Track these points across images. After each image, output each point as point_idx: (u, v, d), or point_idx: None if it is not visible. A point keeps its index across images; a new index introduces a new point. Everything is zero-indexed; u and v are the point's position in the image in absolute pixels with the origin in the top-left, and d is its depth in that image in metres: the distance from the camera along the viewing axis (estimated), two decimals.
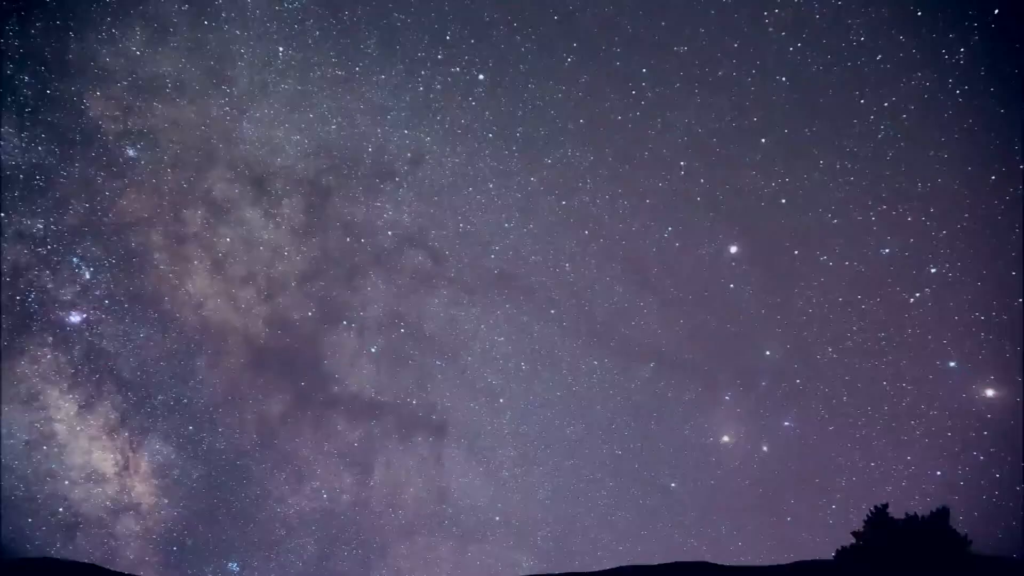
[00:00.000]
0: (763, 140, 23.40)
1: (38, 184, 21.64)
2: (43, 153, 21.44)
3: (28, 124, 21.13)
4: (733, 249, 24.03)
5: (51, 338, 22.12)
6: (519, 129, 24.01)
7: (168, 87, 22.25)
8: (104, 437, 22.85)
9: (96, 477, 22.67)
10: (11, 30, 20.80)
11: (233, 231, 23.67)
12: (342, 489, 24.25)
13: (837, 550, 12.23)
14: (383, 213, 24.35)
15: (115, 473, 22.86)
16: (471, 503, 24.91)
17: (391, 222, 24.43)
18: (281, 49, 22.81)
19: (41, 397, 22.21)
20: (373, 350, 24.82)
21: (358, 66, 23.22)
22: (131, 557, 22.92)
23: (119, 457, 22.93)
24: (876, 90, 22.31)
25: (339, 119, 23.59)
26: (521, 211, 24.63)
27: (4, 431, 21.97)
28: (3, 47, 20.78)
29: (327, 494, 24.11)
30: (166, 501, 23.25)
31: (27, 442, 22.04)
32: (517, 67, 23.51)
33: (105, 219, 22.36)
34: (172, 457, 23.38)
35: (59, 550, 22.33)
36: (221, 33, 22.35)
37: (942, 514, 11.41)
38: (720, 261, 24.15)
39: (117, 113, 21.95)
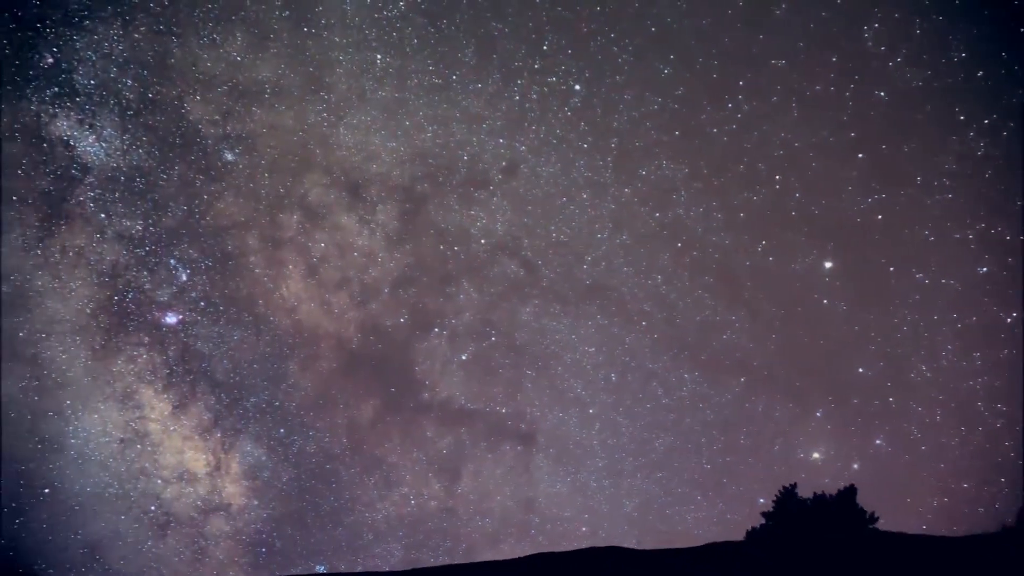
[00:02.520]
0: (860, 156, 23.30)
1: (138, 186, 22.01)
2: (144, 156, 21.82)
3: (130, 127, 21.53)
4: (828, 265, 23.84)
5: (147, 338, 22.48)
6: (614, 140, 24.01)
7: (267, 93, 22.54)
8: (197, 437, 23.12)
9: (188, 477, 22.94)
10: (115, 34, 21.18)
11: (328, 236, 23.90)
12: (430, 495, 24.34)
13: (747, 531, 12.25)
14: (477, 221, 24.46)
15: (206, 473, 23.11)
16: (558, 513, 24.87)
17: (484, 231, 24.52)
18: (379, 56, 22.99)
19: (136, 396, 22.56)
20: (464, 358, 24.91)
21: (455, 74, 23.35)
22: (220, 557, 23.15)
23: (211, 458, 23.18)
24: (975, 107, 22.15)
25: (435, 127, 23.73)
26: (614, 222, 24.62)
27: (99, 429, 22.36)
28: (107, 51, 21.17)
29: (415, 500, 24.22)
30: (256, 503, 23.43)
31: (121, 440, 22.41)
32: (613, 78, 23.52)
33: (203, 222, 22.67)
34: (263, 459, 23.56)
35: (150, 548, 22.65)
36: (320, 40, 22.58)
37: (849, 492, 11.71)
38: (814, 276, 23.96)
39: (216, 117, 22.32)
